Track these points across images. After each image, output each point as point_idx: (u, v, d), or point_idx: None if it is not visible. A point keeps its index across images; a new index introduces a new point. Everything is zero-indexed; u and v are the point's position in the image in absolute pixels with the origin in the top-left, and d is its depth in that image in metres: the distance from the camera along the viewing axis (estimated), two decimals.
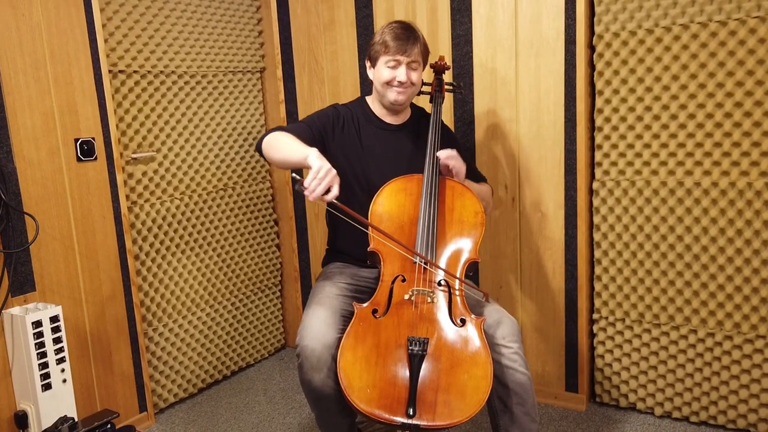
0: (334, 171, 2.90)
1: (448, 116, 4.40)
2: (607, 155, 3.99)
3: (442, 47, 4.32)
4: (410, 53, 3.38)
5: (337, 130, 3.55)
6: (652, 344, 4.05)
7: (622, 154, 3.94)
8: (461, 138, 4.35)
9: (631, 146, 3.91)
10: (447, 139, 3.63)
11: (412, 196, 3.31)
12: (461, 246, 3.27)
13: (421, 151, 3.48)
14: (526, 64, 4.08)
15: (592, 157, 4.09)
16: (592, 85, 4.01)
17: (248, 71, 5.08)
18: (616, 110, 3.91)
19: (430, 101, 3.62)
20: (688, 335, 3.92)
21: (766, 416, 3.78)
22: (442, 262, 3.22)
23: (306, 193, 2.86)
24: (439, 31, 4.32)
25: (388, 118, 3.60)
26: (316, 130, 3.48)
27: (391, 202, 3.30)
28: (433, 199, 3.26)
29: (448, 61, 4.33)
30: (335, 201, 2.91)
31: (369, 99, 3.66)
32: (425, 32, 4.34)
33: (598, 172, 4.05)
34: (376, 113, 3.61)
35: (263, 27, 5.12)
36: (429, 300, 3.09)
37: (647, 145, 3.86)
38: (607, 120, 3.95)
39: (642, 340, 4.07)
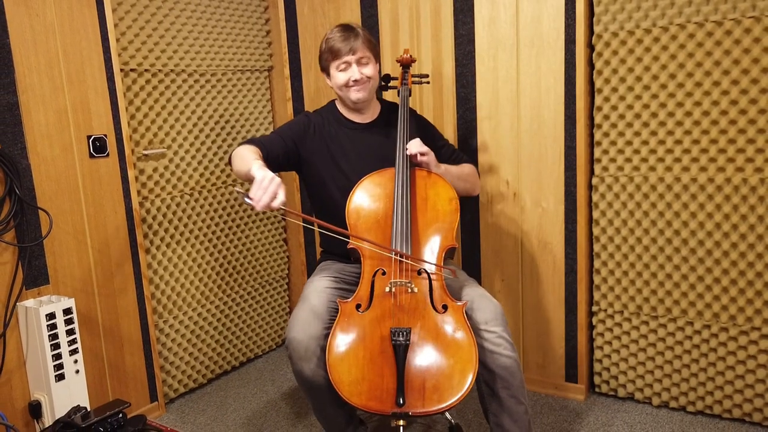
0: (277, 179, 2.90)
1: (450, 115, 4.42)
2: (605, 152, 4.01)
3: (445, 46, 4.34)
4: (355, 50, 3.45)
5: (309, 136, 3.60)
6: (649, 336, 4.06)
7: (621, 151, 3.96)
8: (464, 135, 4.38)
9: (629, 143, 3.92)
10: (418, 128, 3.67)
11: (387, 190, 3.34)
12: (437, 233, 3.30)
13: (394, 147, 3.49)
14: (527, 63, 4.10)
15: (591, 153, 4.10)
16: (591, 83, 4.03)
17: (256, 70, 5.10)
18: (614, 108, 3.93)
19: (398, 95, 3.65)
20: (685, 327, 3.94)
21: (760, 406, 3.80)
22: (420, 252, 3.25)
23: (253, 203, 2.86)
24: (443, 30, 4.33)
25: (357, 118, 3.65)
26: (288, 139, 3.54)
27: (365, 198, 3.34)
28: (405, 191, 3.29)
29: (449, 59, 4.34)
30: (283, 207, 2.90)
31: (337, 102, 3.72)
32: (429, 32, 4.37)
33: (597, 169, 4.07)
34: (344, 115, 3.66)
35: (271, 27, 5.14)
36: (409, 290, 3.11)
37: (645, 142, 3.88)
38: (606, 117, 3.97)
39: (640, 331, 4.09)
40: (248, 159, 3.15)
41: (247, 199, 2.86)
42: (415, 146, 3.36)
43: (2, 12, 3.45)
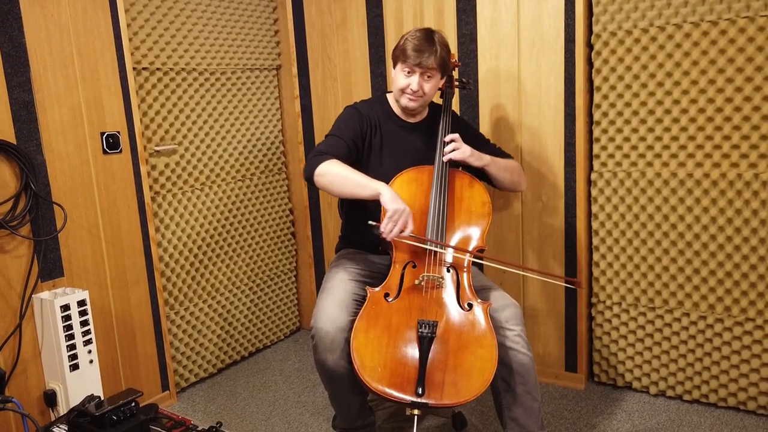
0: (407, 210, 3.00)
1: (455, 111, 4.42)
2: (604, 148, 4.03)
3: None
4: (425, 65, 3.33)
5: (363, 128, 3.54)
6: (647, 327, 4.08)
7: (619, 147, 3.97)
8: None
9: (627, 139, 3.94)
10: (459, 129, 3.61)
11: (423, 187, 3.34)
12: (469, 234, 3.31)
13: (436, 146, 3.50)
14: (528, 62, 4.11)
15: (591, 149, 4.12)
16: (590, 81, 4.04)
17: (265, 68, 5.11)
18: (612, 105, 3.94)
19: (441, 96, 3.64)
20: (682, 318, 3.96)
21: (755, 394, 3.82)
22: (451, 251, 3.26)
23: (383, 235, 2.98)
24: (446, 30, 4.33)
25: (406, 116, 3.61)
26: (351, 142, 3.45)
27: (402, 193, 3.28)
28: (442, 190, 3.29)
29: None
30: (412, 234, 3.03)
31: (389, 96, 3.66)
32: None
33: (595, 164, 4.08)
34: (395, 111, 3.62)
35: (279, 27, 5.15)
36: (438, 285, 3.13)
37: (642, 138, 3.89)
38: (605, 114, 3.98)
39: (638, 322, 4.11)
40: (362, 180, 3.17)
41: (377, 232, 3.02)
42: (455, 151, 3.38)
43: (18, 13, 3.47)
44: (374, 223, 3.03)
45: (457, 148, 3.38)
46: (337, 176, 3.21)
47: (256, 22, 4.96)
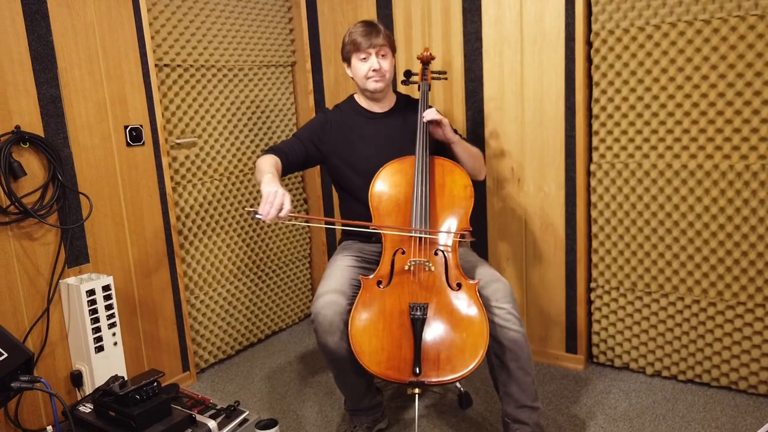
0: (281, 191, 2.98)
1: (460, 107, 4.46)
2: (603, 140, 4.04)
3: (454, 43, 4.37)
4: (376, 44, 3.51)
5: (327, 131, 3.66)
6: (643, 310, 4.11)
7: (617, 140, 3.99)
8: (473, 125, 4.42)
9: (624, 132, 3.96)
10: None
11: (407, 176, 3.39)
12: (453, 217, 3.35)
13: (409, 134, 3.56)
14: (531, 59, 4.13)
15: (590, 142, 4.13)
16: (589, 77, 4.05)
17: (280, 65, 5.14)
18: (611, 100, 3.96)
19: (418, 89, 3.68)
20: (677, 302, 3.98)
21: (745, 374, 3.85)
22: (437, 232, 3.31)
23: (262, 218, 2.94)
24: (452, 28, 4.36)
25: (374, 107, 3.70)
26: (306, 140, 3.64)
27: (387, 183, 3.39)
28: (424, 177, 3.33)
29: (459, 55, 4.37)
30: (291, 215, 2.99)
31: (356, 95, 3.77)
32: (439, 30, 4.41)
33: (595, 156, 4.10)
34: (363, 105, 3.71)
35: (294, 25, 5.16)
36: (426, 269, 3.16)
37: (639, 132, 3.91)
38: (603, 109, 4.00)
39: (635, 306, 4.13)
40: (262, 171, 3.28)
41: (257, 216, 2.96)
42: (431, 114, 3.42)
43: (46, 12, 3.50)
44: (251, 209, 3.04)
45: (435, 113, 3.45)
46: (257, 168, 3.40)
47: (272, 21, 4.98)
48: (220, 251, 4.71)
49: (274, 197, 2.95)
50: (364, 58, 3.54)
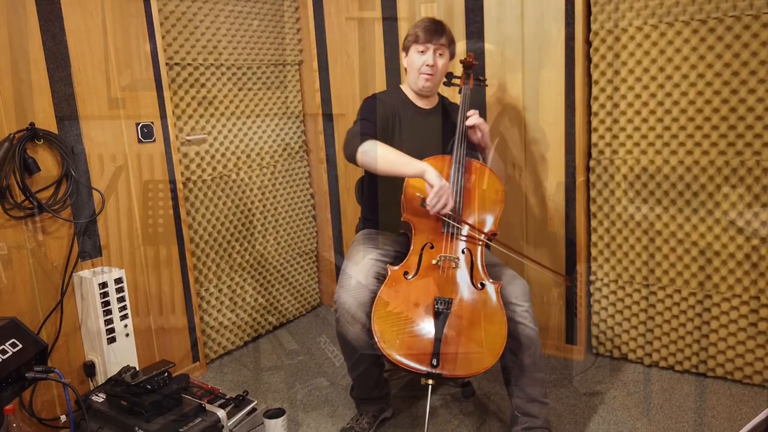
0: (448, 186, 3.06)
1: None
2: (602, 137, 4.06)
3: (458, 42, 4.37)
4: (437, 42, 3.49)
5: (387, 116, 3.60)
6: (641, 302, 4.13)
7: (615, 136, 4.01)
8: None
9: (623, 129, 3.97)
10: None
11: (443, 174, 3.36)
12: (483, 218, 3.36)
13: (447, 134, 3.58)
14: (531, 58, 4.14)
15: (589, 138, 4.15)
16: (588, 75, 4.06)
17: (288, 64, 5.14)
18: (610, 98, 3.98)
19: (459, 92, 3.68)
20: (673, 294, 4.00)
21: (741, 365, 3.87)
22: (467, 233, 3.32)
23: (428, 208, 3.04)
24: (455, 28, 4.36)
25: (420, 103, 3.68)
26: (380, 125, 3.54)
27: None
28: (460, 177, 3.35)
29: (462, 54, 4.37)
30: (451, 212, 3.10)
31: (404, 87, 3.73)
32: None
33: (594, 152, 4.11)
34: (410, 99, 3.68)
35: (301, 25, 5.17)
36: (454, 265, 3.18)
37: (637, 128, 3.93)
38: (602, 106, 4.01)
39: (633, 298, 4.15)
40: (406, 159, 3.21)
41: (423, 204, 3.08)
42: (475, 118, 3.46)
43: (59, 12, 3.51)
44: (421, 196, 3.10)
45: (479, 118, 3.48)
46: (381, 155, 3.26)
47: (280, 21, 4.99)
48: (229, 245, 4.72)
49: (444, 192, 3.06)
50: (422, 51, 3.52)
